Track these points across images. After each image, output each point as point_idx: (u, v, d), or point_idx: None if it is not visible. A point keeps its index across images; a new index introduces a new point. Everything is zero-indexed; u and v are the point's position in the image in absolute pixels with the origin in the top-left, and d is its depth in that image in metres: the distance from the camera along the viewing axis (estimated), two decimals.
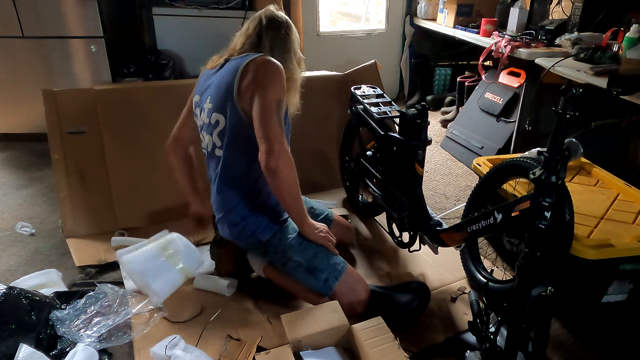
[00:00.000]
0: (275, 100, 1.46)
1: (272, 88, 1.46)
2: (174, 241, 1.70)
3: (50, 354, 1.38)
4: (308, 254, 1.59)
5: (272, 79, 1.48)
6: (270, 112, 1.44)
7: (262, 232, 1.60)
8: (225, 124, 1.53)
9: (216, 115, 1.55)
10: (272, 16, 1.59)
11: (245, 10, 3.08)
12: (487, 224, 1.50)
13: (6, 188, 2.48)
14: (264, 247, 1.62)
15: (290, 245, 1.59)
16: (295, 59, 1.63)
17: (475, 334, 1.38)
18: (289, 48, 1.60)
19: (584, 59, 2.24)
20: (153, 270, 1.61)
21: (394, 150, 1.86)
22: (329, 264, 1.59)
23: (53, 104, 2.01)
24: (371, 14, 4.37)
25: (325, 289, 1.57)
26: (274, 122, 1.43)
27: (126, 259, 1.61)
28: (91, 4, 2.74)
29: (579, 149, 2.02)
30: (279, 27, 1.59)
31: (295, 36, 1.63)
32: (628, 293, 1.60)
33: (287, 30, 1.60)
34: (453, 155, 3.13)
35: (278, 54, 1.56)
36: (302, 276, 1.60)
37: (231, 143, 1.54)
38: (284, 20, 1.61)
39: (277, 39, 1.58)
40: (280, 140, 1.43)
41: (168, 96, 2.21)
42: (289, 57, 1.60)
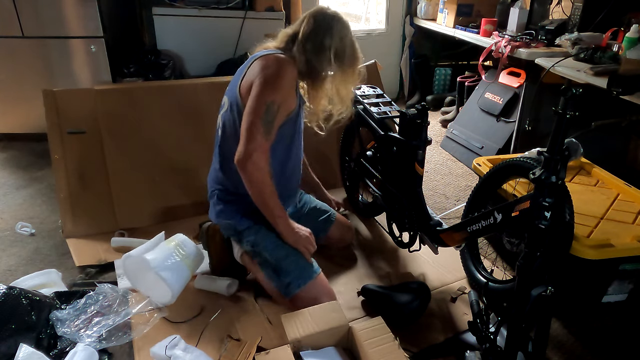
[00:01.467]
0: (266, 102, 1.43)
1: (267, 88, 1.44)
2: (185, 241, 1.71)
3: (50, 354, 1.38)
4: (279, 254, 1.58)
5: (271, 79, 1.45)
6: (256, 112, 1.43)
7: (240, 220, 1.62)
8: (227, 108, 1.58)
9: (225, 97, 1.61)
10: (315, 13, 1.53)
11: (245, 10, 3.08)
12: (487, 224, 1.50)
13: (6, 188, 2.48)
14: (238, 236, 1.64)
15: (264, 240, 1.60)
16: (334, 59, 1.53)
17: (475, 334, 1.38)
18: (324, 49, 1.52)
19: (584, 59, 2.24)
20: (172, 271, 1.60)
21: (394, 150, 1.86)
22: (296, 269, 1.57)
23: (53, 104, 2.01)
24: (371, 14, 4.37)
25: (286, 292, 1.57)
26: (256, 122, 1.42)
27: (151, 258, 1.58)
28: (91, 4, 2.73)
29: (579, 149, 2.02)
30: (318, 24, 1.51)
31: (340, 36, 1.53)
32: (628, 293, 1.60)
33: (327, 28, 1.51)
34: (453, 155, 3.13)
35: (311, 55, 1.51)
36: (267, 273, 1.61)
37: (227, 126, 1.58)
38: (327, 17, 1.52)
39: (313, 36, 1.51)
40: (256, 143, 1.41)
41: (168, 96, 2.21)
42: (322, 60, 1.52)
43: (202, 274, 1.77)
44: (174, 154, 2.20)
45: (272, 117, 1.45)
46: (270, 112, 1.44)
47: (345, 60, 1.57)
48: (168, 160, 2.20)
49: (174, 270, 1.60)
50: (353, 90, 1.67)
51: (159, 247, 1.66)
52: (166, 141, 2.19)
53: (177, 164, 2.21)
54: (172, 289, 1.58)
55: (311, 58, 1.52)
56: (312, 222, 1.83)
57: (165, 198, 2.19)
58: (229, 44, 3.11)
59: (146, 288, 1.64)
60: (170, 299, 1.60)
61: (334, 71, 1.56)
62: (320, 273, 1.61)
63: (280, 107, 1.47)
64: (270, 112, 1.45)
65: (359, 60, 1.63)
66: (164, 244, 1.69)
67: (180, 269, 1.62)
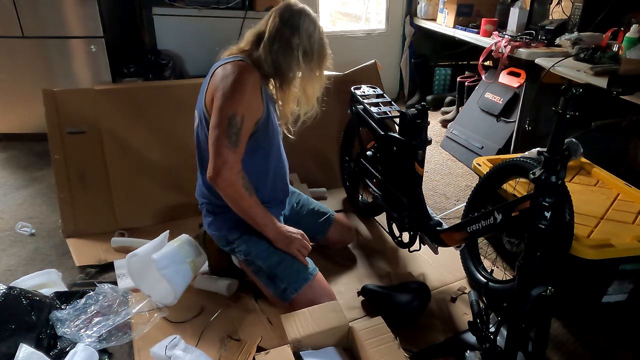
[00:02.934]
0: (227, 115, 1.38)
1: (228, 100, 1.39)
2: (189, 242, 1.71)
3: (50, 354, 1.39)
4: (272, 260, 1.57)
5: (231, 89, 1.39)
6: (220, 126, 1.38)
7: (229, 231, 1.62)
8: (198, 122, 1.56)
9: (196, 111, 1.57)
10: (282, 10, 1.45)
11: (245, 10, 3.08)
12: (487, 224, 1.50)
13: (6, 188, 2.48)
14: (230, 246, 1.63)
15: (255, 249, 1.58)
16: (302, 58, 1.46)
17: (475, 334, 1.38)
18: (292, 48, 1.44)
19: (584, 59, 2.24)
20: (177, 272, 1.61)
21: (394, 150, 1.86)
22: (291, 274, 1.55)
23: (53, 104, 2.01)
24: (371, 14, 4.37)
25: (283, 297, 1.55)
26: (220, 137, 1.38)
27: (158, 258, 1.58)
28: (91, 4, 2.73)
29: (579, 149, 2.02)
30: (285, 22, 1.44)
31: (308, 34, 1.45)
32: (628, 293, 1.60)
33: (293, 27, 1.43)
34: (453, 155, 3.13)
35: (277, 56, 1.45)
36: (263, 281, 1.59)
37: (201, 141, 1.57)
38: (294, 13, 1.44)
39: (279, 36, 1.44)
40: (223, 158, 1.38)
41: (168, 96, 2.21)
42: (289, 60, 1.46)
43: (202, 274, 1.77)
44: (174, 154, 2.20)
45: (237, 129, 1.40)
46: (233, 124, 1.39)
47: (313, 58, 1.49)
48: (168, 160, 2.19)
49: (178, 271, 1.60)
50: (320, 89, 1.60)
51: (165, 248, 1.66)
52: (166, 141, 2.19)
53: (177, 164, 2.20)
54: (175, 290, 1.58)
55: (278, 59, 1.45)
56: (310, 224, 1.83)
57: (165, 198, 2.19)
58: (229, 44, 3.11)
59: (148, 288, 1.64)
60: (172, 300, 1.60)
61: (302, 71, 1.50)
62: (317, 274, 1.59)
63: (244, 117, 1.41)
64: (234, 124, 1.39)
65: (327, 58, 1.55)
66: (169, 244, 1.69)
67: (185, 271, 1.63)
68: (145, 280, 1.64)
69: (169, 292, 1.59)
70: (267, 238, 1.58)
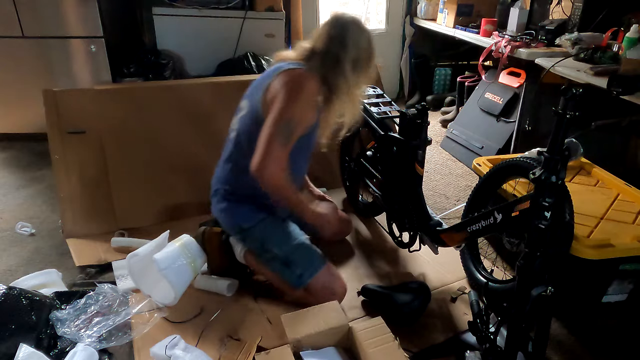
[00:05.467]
0: (286, 118, 1.45)
1: (289, 105, 1.46)
2: (192, 244, 1.71)
3: (50, 354, 1.38)
4: (288, 247, 1.62)
5: (293, 96, 1.46)
6: (276, 125, 1.44)
7: (245, 218, 1.64)
8: (245, 113, 1.61)
9: (245, 102, 1.64)
10: (330, 26, 1.52)
11: (245, 10, 3.08)
12: (487, 224, 1.50)
13: (6, 188, 2.48)
14: (243, 234, 1.66)
15: (271, 236, 1.62)
16: (352, 69, 1.53)
17: (475, 334, 1.38)
18: (340, 63, 1.51)
19: (584, 59, 2.24)
20: (178, 273, 1.61)
21: (394, 150, 1.86)
22: (307, 259, 1.62)
23: (53, 104, 2.01)
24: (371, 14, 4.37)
25: (298, 283, 1.60)
26: (274, 135, 1.44)
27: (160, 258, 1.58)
28: (91, 4, 2.73)
29: (579, 149, 2.02)
30: (333, 38, 1.51)
31: (356, 46, 1.52)
32: (628, 293, 1.60)
33: (342, 42, 1.50)
34: (453, 155, 3.13)
35: (327, 72, 1.52)
36: (278, 268, 1.63)
37: (242, 131, 1.61)
38: (343, 27, 1.51)
39: (328, 54, 1.51)
40: (273, 155, 1.43)
41: (168, 96, 2.21)
42: (338, 74, 1.52)
43: (202, 274, 1.77)
44: (174, 154, 2.20)
45: (290, 132, 1.47)
46: (289, 127, 1.46)
47: (362, 66, 1.57)
48: (168, 160, 2.19)
49: (179, 272, 1.60)
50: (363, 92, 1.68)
51: (166, 248, 1.66)
52: (166, 141, 2.19)
53: (177, 164, 2.21)
54: (176, 291, 1.58)
55: (328, 75, 1.52)
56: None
57: (166, 198, 2.19)
58: (229, 44, 3.11)
59: (149, 288, 1.63)
60: (173, 300, 1.60)
61: (350, 80, 1.55)
62: (327, 261, 1.66)
63: (299, 123, 1.49)
64: (289, 127, 1.46)
65: (373, 62, 1.62)
66: (170, 244, 1.69)
67: (185, 271, 1.63)
68: (145, 280, 1.64)
69: (170, 292, 1.59)
70: (278, 227, 1.65)
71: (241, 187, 1.64)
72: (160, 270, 1.55)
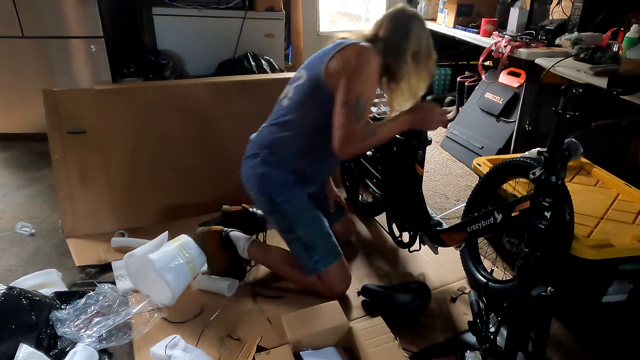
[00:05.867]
0: (358, 95, 1.47)
1: (358, 81, 1.48)
2: (190, 244, 1.71)
3: (50, 354, 1.38)
4: (313, 232, 1.64)
5: (358, 72, 1.48)
6: (348, 104, 1.48)
7: (280, 191, 1.64)
8: (303, 81, 1.62)
9: (302, 71, 1.65)
10: (394, 16, 1.58)
11: (245, 10, 3.08)
12: (487, 224, 1.50)
13: (6, 188, 2.48)
14: (273, 207, 1.65)
15: (300, 217, 1.64)
16: (412, 60, 1.56)
17: (475, 334, 1.38)
18: (402, 52, 1.55)
19: (584, 59, 2.24)
20: (175, 273, 1.60)
21: (394, 150, 1.86)
22: (326, 248, 1.64)
23: (53, 104, 2.01)
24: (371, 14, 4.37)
25: (313, 269, 1.63)
26: (348, 114, 1.47)
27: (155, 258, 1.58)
28: (91, 4, 2.73)
29: (579, 149, 2.02)
30: (397, 27, 1.56)
31: (417, 38, 1.56)
32: (628, 293, 1.60)
33: (405, 31, 1.55)
34: (453, 155, 3.13)
35: (390, 59, 1.55)
36: (297, 250, 1.65)
37: (298, 98, 1.62)
38: (406, 18, 1.56)
39: (391, 41, 1.55)
40: (347, 134, 1.47)
41: (168, 96, 2.21)
42: (400, 62, 1.56)
43: (202, 274, 1.77)
44: (174, 154, 2.20)
45: (363, 108, 1.50)
46: (360, 103, 1.49)
47: (422, 59, 1.59)
48: (168, 160, 2.19)
49: (176, 272, 1.60)
50: (424, 87, 1.69)
51: (163, 248, 1.66)
52: (166, 141, 2.19)
53: (177, 164, 2.21)
54: (173, 291, 1.58)
55: (390, 62, 1.55)
56: (325, 210, 1.87)
57: (166, 198, 2.19)
58: (229, 44, 3.11)
59: (147, 288, 1.64)
60: (170, 300, 1.60)
61: (410, 70, 1.58)
62: (342, 256, 1.69)
63: (369, 100, 1.51)
64: (361, 103, 1.49)
65: (433, 57, 1.65)
66: (168, 244, 1.69)
67: (183, 271, 1.62)
68: (143, 280, 1.64)
69: (167, 292, 1.58)
70: (309, 209, 1.66)
71: (285, 154, 1.63)
72: (155, 270, 1.55)
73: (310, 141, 1.62)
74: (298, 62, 3.70)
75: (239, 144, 2.28)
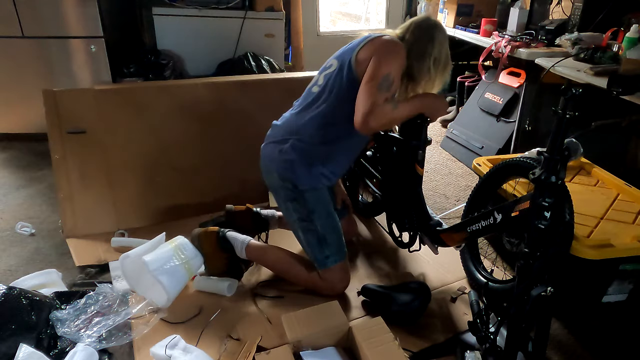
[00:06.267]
0: (384, 72, 1.50)
1: (385, 62, 1.52)
2: (186, 245, 1.70)
3: (50, 354, 1.38)
4: (329, 225, 1.66)
5: (388, 54, 1.54)
6: (374, 79, 1.50)
7: (306, 180, 1.64)
8: (334, 69, 1.64)
9: (333, 60, 1.68)
10: (420, 22, 1.64)
11: (245, 10, 3.08)
12: (487, 224, 1.50)
13: (6, 188, 2.48)
14: (295, 194, 1.65)
15: (319, 209, 1.65)
16: (432, 66, 1.64)
17: (475, 334, 1.38)
18: (426, 56, 1.62)
19: (584, 59, 2.24)
20: (170, 274, 1.59)
21: (393, 150, 1.86)
22: (337, 245, 1.67)
23: (53, 104, 2.01)
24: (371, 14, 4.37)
25: (322, 263, 1.65)
26: (372, 87, 1.49)
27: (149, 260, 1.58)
28: (91, 4, 2.74)
29: (579, 149, 2.02)
30: (423, 33, 1.62)
31: (440, 45, 1.64)
32: (628, 293, 1.60)
33: (430, 38, 1.62)
34: (453, 155, 3.13)
35: (413, 62, 1.61)
36: (310, 241, 1.66)
37: (329, 85, 1.63)
38: (431, 26, 1.64)
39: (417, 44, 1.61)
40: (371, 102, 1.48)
41: (168, 96, 2.21)
42: (422, 65, 1.63)
43: (201, 275, 1.77)
44: (174, 154, 2.20)
45: (390, 83, 1.52)
46: (387, 79, 1.51)
47: (440, 66, 1.66)
48: (168, 160, 2.19)
49: (172, 273, 1.59)
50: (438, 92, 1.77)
51: (158, 249, 1.65)
52: (166, 141, 2.19)
53: (177, 164, 2.21)
54: (168, 293, 1.57)
55: (412, 63, 1.61)
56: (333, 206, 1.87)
57: (166, 198, 2.19)
58: (229, 44, 3.12)
59: (143, 289, 1.62)
60: (166, 302, 1.59)
61: (430, 75, 1.65)
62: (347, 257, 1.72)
63: (395, 79, 1.53)
64: (387, 79, 1.51)
65: (450, 66, 1.70)
66: (163, 245, 1.68)
67: (179, 273, 1.61)
68: (139, 282, 1.63)
69: (162, 294, 1.57)
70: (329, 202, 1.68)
71: (314, 142, 1.63)
72: (150, 271, 1.54)
73: (337, 130, 1.63)
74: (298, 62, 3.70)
75: (239, 143, 2.29)
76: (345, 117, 1.57)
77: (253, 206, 1.98)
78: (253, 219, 1.93)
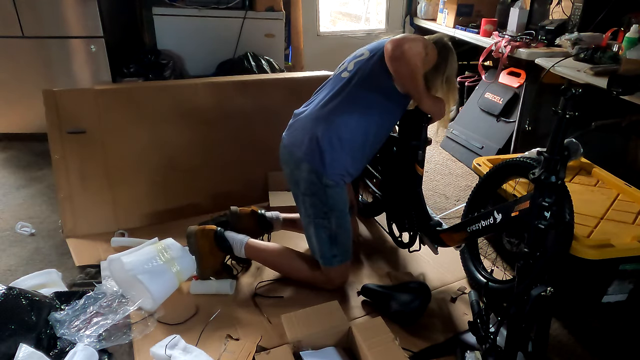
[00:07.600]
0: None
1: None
2: (171, 245, 1.69)
3: (50, 354, 1.38)
4: (343, 225, 1.67)
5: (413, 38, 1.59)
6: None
7: (332, 174, 1.59)
8: (367, 57, 1.66)
9: (364, 50, 1.71)
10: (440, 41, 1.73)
11: (245, 10, 3.08)
12: (487, 224, 1.50)
13: (6, 188, 2.48)
14: (317, 187, 1.60)
15: (337, 208, 1.65)
16: (444, 83, 1.72)
17: (475, 334, 1.38)
18: (440, 72, 1.70)
19: (584, 59, 2.24)
20: (152, 274, 1.57)
21: (393, 150, 1.86)
22: (346, 246, 1.69)
23: (53, 104, 2.01)
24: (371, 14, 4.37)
25: (328, 261, 1.67)
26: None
27: (127, 261, 1.57)
28: (91, 4, 2.73)
29: (579, 149, 2.02)
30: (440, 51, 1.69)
31: (452, 66, 1.73)
32: (628, 293, 1.60)
33: (445, 57, 1.70)
34: (453, 155, 3.13)
35: (429, 72, 1.66)
36: (321, 238, 1.66)
37: (360, 72, 1.64)
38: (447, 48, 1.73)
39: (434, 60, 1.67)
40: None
41: (168, 96, 2.21)
42: (435, 80, 1.70)
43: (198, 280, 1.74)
44: (174, 154, 2.20)
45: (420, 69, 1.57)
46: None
47: (450, 84, 1.73)
48: (168, 160, 2.20)
49: (154, 273, 1.57)
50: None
51: (139, 250, 1.64)
52: (166, 141, 2.19)
53: (177, 164, 2.21)
54: (151, 293, 1.54)
55: (428, 74, 1.66)
56: None
57: (166, 198, 2.19)
58: (229, 44, 3.11)
59: (131, 292, 1.60)
60: (152, 305, 1.56)
61: (438, 91, 1.71)
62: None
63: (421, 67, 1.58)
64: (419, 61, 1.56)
65: (456, 89, 1.78)
66: (146, 246, 1.67)
67: (163, 273, 1.59)
68: (125, 284, 1.61)
69: (147, 294, 1.55)
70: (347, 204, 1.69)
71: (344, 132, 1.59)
72: (126, 271, 1.53)
73: (367, 119, 1.61)
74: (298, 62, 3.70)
75: (239, 143, 2.29)
76: (373, 104, 1.60)
77: (258, 208, 1.97)
78: (258, 221, 1.92)
